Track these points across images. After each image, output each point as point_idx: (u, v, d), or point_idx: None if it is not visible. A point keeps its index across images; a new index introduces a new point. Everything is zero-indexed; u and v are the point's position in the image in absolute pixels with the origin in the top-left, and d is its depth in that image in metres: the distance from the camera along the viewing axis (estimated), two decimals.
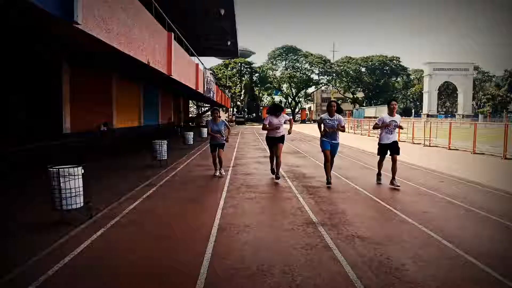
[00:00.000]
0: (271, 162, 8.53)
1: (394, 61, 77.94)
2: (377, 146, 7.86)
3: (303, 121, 72.35)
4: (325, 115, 7.69)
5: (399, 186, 7.43)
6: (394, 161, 7.52)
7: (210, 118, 9.01)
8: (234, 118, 59.86)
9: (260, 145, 18.39)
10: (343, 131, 7.69)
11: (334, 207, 5.98)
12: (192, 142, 17.19)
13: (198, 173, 9.39)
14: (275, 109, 8.20)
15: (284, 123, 8.32)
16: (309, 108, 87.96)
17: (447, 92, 78.95)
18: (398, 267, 3.63)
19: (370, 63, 76.60)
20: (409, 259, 3.83)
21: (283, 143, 8.19)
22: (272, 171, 8.47)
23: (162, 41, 11.99)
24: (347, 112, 69.18)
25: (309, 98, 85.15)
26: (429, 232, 4.73)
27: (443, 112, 73.94)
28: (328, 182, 7.61)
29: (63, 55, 13.88)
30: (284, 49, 76.11)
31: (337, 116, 7.54)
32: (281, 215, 5.47)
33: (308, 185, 7.86)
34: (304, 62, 75.62)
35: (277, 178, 8.12)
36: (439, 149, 17.11)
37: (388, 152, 7.68)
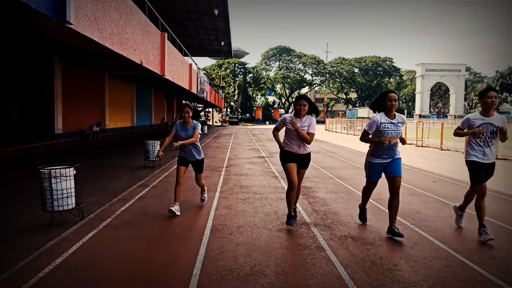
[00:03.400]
0: (289, 199, 4.84)
1: (387, 61, 78.41)
2: (468, 166, 4.80)
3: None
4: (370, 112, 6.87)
5: (493, 239, 4.39)
6: (482, 194, 4.57)
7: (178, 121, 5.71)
8: (227, 119, 59.81)
9: (254, 146, 18.40)
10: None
11: (327, 207, 5.99)
12: None
13: (192, 174, 9.33)
14: (296, 101, 4.90)
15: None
16: None
17: (439, 93, 79.59)
18: (391, 267, 3.65)
19: (363, 63, 76.99)
20: (402, 259, 3.84)
21: (307, 167, 4.98)
22: (290, 217, 4.83)
23: (155, 41, 11.94)
24: (340, 112, 69.53)
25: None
26: (421, 232, 4.76)
27: (435, 113, 74.49)
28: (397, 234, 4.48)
29: (55, 55, 13.78)
30: (277, 49, 76.25)
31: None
32: (274, 216, 5.47)
33: (302, 185, 7.85)
34: (297, 62, 75.83)
35: (293, 219, 4.81)
36: (431, 149, 17.24)
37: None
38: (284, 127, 4.93)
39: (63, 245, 4.13)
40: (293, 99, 79.52)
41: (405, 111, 77.36)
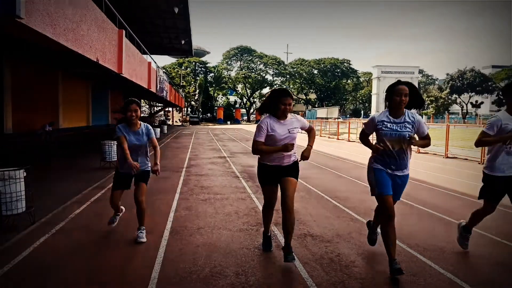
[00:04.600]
0: (266, 220, 4.08)
1: (345, 63, 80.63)
2: (485, 181, 3.94)
3: (257, 121, 72.59)
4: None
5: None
6: (490, 213, 4.01)
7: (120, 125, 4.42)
8: (188, 118, 59.09)
9: (215, 146, 18.32)
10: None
11: None
12: None
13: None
14: (278, 98, 3.66)
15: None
16: None
17: None
18: (348, 264, 3.76)
19: (322, 65, 78.76)
20: (358, 256, 3.97)
21: (297, 177, 3.86)
22: (266, 242, 4.11)
23: (113, 38, 11.58)
24: (300, 112, 70.65)
25: (264, 98, 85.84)
26: (378, 229, 4.93)
27: None
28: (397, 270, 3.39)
29: (4, 51, 13.01)
30: (239, 49, 76.29)
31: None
32: (235, 216, 5.47)
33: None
34: (259, 63, 76.25)
35: (290, 258, 3.57)
36: None
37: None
38: (265, 134, 3.68)
39: (13, 251, 3.91)
40: (254, 99, 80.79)
41: (362, 112, 79.98)
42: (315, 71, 79.62)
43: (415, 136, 3.53)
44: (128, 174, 4.36)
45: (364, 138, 3.91)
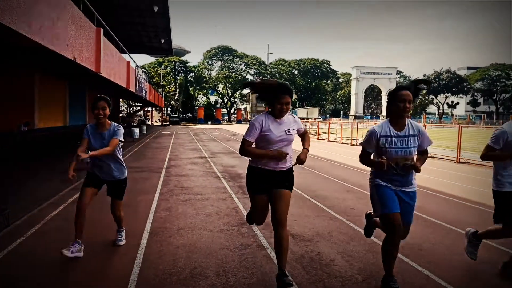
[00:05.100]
0: (255, 218, 3.68)
1: (325, 64, 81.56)
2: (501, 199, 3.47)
3: (238, 121, 72.85)
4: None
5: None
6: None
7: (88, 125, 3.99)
8: (168, 118, 58.53)
9: (195, 146, 18.20)
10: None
11: None
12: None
13: (129, 175, 8.99)
14: (276, 95, 3.18)
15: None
16: (245, 108, 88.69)
17: (372, 95, 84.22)
18: (328, 263, 3.80)
19: (303, 65, 79.45)
20: (338, 254, 4.02)
21: (292, 187, 3.44)
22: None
23: (90, 36, 11.37)
24: None
25: (245, 98, 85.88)
26: (356, 227, 5.00)
27: (369, 113, 78.73)
28: None
29: None
30: (219, 49, 76.07)
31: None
32: (216, 216, 5.46)
33: (243, 185, 7.91)
34: (239, 62, 76.24)
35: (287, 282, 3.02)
36: None
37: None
38: (257, 134, 3.22)
39: None
40: (235, 99, 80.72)
41: (341, 112, 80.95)
42: (296, 72, 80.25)
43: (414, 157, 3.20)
44: (99, 178, 4.00)
45: (365, 159, 3.31)
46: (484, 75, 74.76)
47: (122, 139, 3.95)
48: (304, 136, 3.58)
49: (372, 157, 3.32)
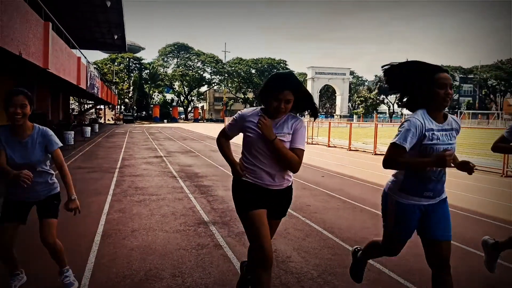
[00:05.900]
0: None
1: (281, 64, 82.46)
2: None
3: (196, 120, 72.08)
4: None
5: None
6: None
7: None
8: (122, 116, 56.74)
9: (150, 145, 17.77)
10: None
11: (226, 205, 6.06)
12: (72, 142, 15.70)
13: (79, 176, 8.64)
14: (271, 90, 2.34)
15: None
16: (202, 107, 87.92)
17: (327, 95, 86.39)
18: (284, 259, 3.83)
19: (260, 65, 79.86)
20: (294, 251, 4.07)
21: (284, 214, 2.75)
22: None
23: (38, 31, 10.74)
24: (238, 111, 70.87)
25: (202, 97, 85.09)
26: (312, 224, 5.10)
27: (324, 113, 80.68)
28: None
29: None
30: (176, 46, 74.68)
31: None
32: (172, 217, 5.34)
33: (201, 184, 7.84)
34: (196, 60, 75.27)
35: None
36: (320, 146, 18.64)
37: None
38: (243, 134, 2.57)
39: None
40: (192, 98, 79.92)
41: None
42: (253, 71, 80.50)
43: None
44: (24, 203, 2.86)
45: (400, 160, 2.30)
46: None
47: (60, 143, 2.95)
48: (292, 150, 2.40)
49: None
